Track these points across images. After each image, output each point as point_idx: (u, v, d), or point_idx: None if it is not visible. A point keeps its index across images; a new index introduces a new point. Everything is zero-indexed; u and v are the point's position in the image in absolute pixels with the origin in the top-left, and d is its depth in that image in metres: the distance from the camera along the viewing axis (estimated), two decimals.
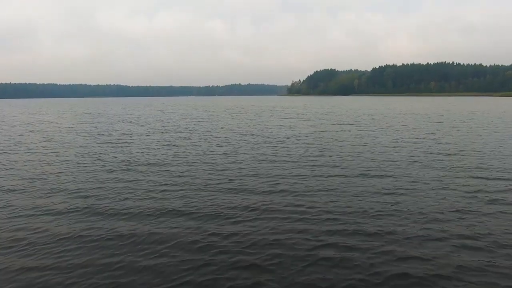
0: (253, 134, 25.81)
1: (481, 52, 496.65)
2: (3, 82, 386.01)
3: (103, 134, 26.86)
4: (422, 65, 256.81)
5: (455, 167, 13.82)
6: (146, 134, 26.59)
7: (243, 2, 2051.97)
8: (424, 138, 22.54)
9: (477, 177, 12.22)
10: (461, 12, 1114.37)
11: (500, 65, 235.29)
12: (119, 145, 20.90)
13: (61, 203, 9.84)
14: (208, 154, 17.32)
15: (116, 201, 9.94)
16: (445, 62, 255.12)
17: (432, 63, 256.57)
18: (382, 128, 29.35)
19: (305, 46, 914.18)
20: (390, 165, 14.38)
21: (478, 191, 10.56)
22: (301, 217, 8.63)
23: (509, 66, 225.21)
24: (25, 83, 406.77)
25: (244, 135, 25.56)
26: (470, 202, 9.55)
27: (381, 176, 12.51)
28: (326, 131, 28.07)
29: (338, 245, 7.11)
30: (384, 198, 9.95)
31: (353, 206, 9.30)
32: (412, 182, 11.66)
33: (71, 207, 9.48)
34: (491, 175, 12.55)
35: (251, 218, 8.65)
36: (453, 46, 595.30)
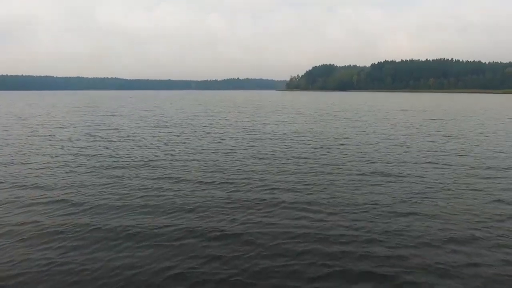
0: (253, 130, 25.05)
1: (480, 52, 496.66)
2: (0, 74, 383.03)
3: (95, 128, 26.03)
4: (422, 61, 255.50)
5: (471, 169, 13.08)
6: (136, 129, 25.78)
7: (243, 2, 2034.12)
8: (432, 135, 21.85)
9: (496, 178, 11.52)
10: (460, 11, 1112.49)
11: (499, 62, 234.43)
12: (112, 140, 20.10)
13: (46, 199, 9.09)
14: (204, 151, 16.54)
15: (101, 198, 9.25)
16: (444, 59, 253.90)
17: (431, 60, 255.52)
18: (387, 127, 28.65)
19: (304, 46, 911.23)
20: (400, 165, 13.62)
21: (503, 195, 9.81)
22: (306, 222, 7.89)
23: (508, 63, 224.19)
24: (22, 75, 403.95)
25: (244, 131, 24.80)
26: (501, 210, 8.74)
27: (391, 176, 11.85)
28: (328, 128, 27.34)
29: (353, 257, 6.40)
30: (400, 204, 9.19)
31: (367, 211, 8.58)
32: (428, 185, 10.87)
33: (53, 202, 8.85)
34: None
35: (251, 219, 7.97)
36: (452, 45, 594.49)
